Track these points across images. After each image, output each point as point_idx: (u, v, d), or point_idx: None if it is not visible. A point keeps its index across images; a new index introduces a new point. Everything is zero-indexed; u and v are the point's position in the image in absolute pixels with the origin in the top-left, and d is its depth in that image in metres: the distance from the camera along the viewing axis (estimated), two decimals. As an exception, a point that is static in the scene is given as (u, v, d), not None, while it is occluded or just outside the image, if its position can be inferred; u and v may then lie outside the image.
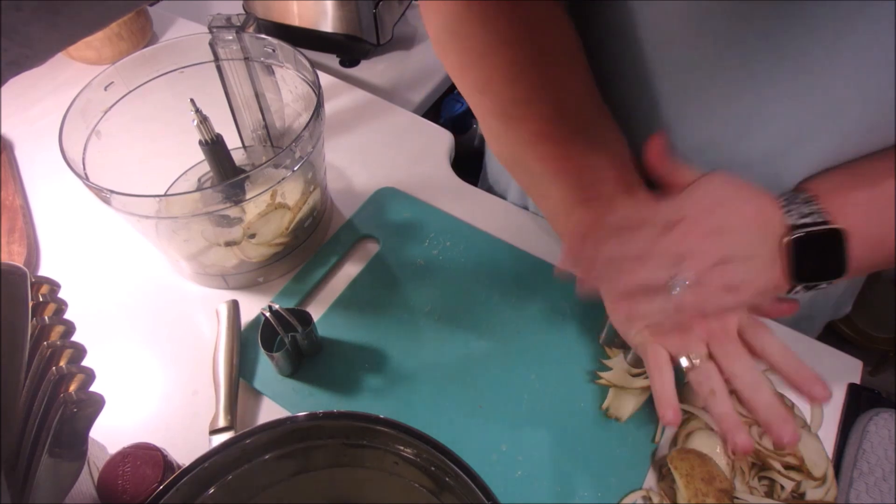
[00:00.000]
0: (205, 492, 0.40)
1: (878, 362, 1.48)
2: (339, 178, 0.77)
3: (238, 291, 0.67)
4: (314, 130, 0.58)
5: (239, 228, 0.61)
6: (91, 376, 0.39)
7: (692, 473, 0.51)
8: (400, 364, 0.60)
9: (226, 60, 0.68)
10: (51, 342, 0.39)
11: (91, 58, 0.91)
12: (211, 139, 0.62)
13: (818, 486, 0.52)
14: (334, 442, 0.42)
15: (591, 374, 0.59)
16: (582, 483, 0.53)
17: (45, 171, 0.80)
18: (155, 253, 0.70)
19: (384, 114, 0.85)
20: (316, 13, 1.00)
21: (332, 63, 1.06)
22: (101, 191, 0.52)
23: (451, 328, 0.62)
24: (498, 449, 0.55)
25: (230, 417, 0.56)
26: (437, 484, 0.41)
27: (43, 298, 0.43)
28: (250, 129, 0.76)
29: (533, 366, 0.59)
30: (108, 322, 0.65)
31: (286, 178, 0.57)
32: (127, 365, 0.62)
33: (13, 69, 0.26)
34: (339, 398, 0.58)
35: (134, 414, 0.59)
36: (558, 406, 0.57)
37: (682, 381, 0.47)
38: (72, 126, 0.58)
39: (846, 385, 0.58)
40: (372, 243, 0.71)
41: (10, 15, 0.24)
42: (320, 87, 0.60)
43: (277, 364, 0.58)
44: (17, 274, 0.39)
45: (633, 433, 0.55)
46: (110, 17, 0.29)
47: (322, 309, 0.64)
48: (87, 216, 0.74)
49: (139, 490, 0.45)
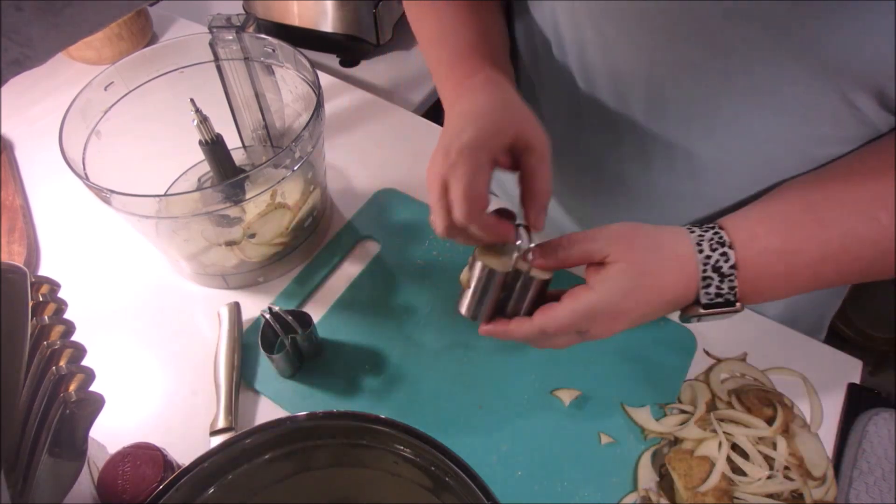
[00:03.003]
0: (205, 492, 0.40)
1: (878, 362, 1.48)
2: (339, 178, 0.77)
3: (238, 291, 0.67)
4: (314, 130, 0.58)
5: (239, 228, 0.61)
6: (91, 376, 0.39)
7: (690, 474, 0.51)
8: (400, 365, 0.60)
9: (226, 60, 0.68)
10: (51, 342, 0.39)
11: (91, 58, 0.91)
12: (211, 139, 0.62)
13: (818, 485, 0.52)
14: (334, 442, 0.42)
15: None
16: (582, 483, 0.53)
17: (45, 171, 0.80)
18: (155, 253, 0.70)
19: (384, 114, 0.85)
20: (316, 13, 1.00)
21: (332, 63, 1.06)
22: (101, 191, 0.52)
23: (452, 329, 0.62)
24: (498, 449, 0.55)
25: (231, 418, 0.56)
26: (437, 484, 0.41)
27: (43, 298, 0.43)
28: (250, 129, 0.76)
29: (533, 366, 0.59)
30: (108, 322, 0.65)
31: (286, 178, 0.57)
32: (127, 365, 0.62)
33: (14, 69, 0.26)
34: (339, 399, 0.58)
35: (134, 414, 0.59)
36: (559, 406, 0.57)
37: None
38: (72, 126, 0.58)
39: (846, 385, 0.58)
40: (372, 244, 0.71)
41: (11, 15, 0.24)
42: (320, 87, 0.60)
43: (278, 366, 0.58)
44: (18, 274, 0.39)
45: (631, 434, 0.55)
46: (110, 18, 0.29)
47: (322, 310, 0.64)
48: (87, 216, 0.74)
49: (139, 490, 0.45)
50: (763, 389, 0.57)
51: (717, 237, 0.43)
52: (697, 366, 0.60)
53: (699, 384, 0.58)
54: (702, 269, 0.43)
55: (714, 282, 0.43)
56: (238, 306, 0.63)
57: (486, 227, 0.43)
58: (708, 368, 0.59)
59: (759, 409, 0.55)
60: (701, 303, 0.44)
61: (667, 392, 0.57)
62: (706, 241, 0.43)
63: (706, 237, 0.44)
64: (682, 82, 0.48)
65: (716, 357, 0.60)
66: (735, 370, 0.59)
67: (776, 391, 0.57)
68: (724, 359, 0.60)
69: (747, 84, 0.45)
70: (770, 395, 0.56)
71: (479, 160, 0.42)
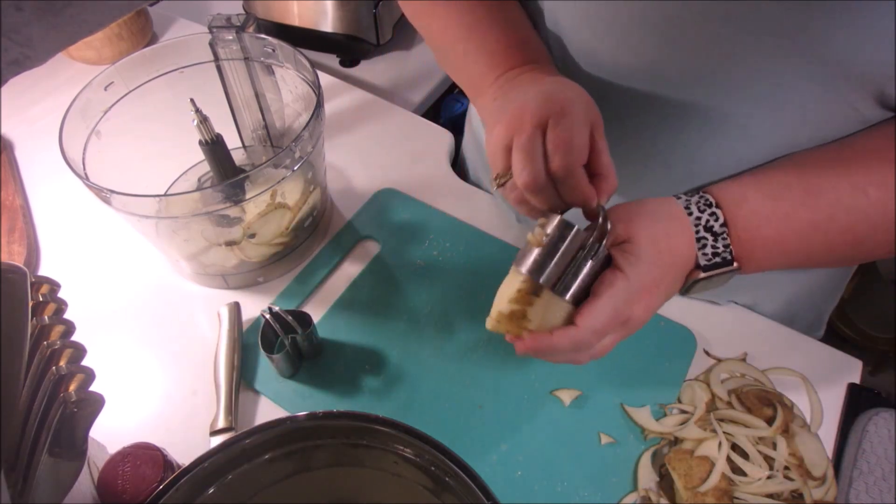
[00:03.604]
0: (205, 492, 0.40)
1: (878, 362, 1.48)
2: (339, 178, 0.77)
3: (238, 291, 0.67)
4: (314, 130, 0.58)
5: (239, 228, 0.61)
6: (91, 376, 0.39)
7: (690, 474, 0.51)
8: (400, 365, 0.60)
9: (226, 60, 0.68)
10: (51, 342, 0.39)
11: (91, 58, 0.91)
12: (211, 139, 0.62)
13: (818, 485, 0.52)
14: (334, 442, 0.42)
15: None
16: (581, 483, 0.53)
17: (45, 171, 0.80)
18: (155, 253, 0.70)
19: (384, 114, 0.85)
20: (316, 13, 1.00)
21: (332, 63, 1.06)
22: (101, 191, 0.52)
23: (452, 329, 0.62)
24: (498, 449, 0.55)
25: (231, 418, 0.56)
26: (437, 484, 0.41)
27: (43, 298, 0.43)
28: (250, 129, 0.76)
29: (533, 366, 0.59)
30: (108, 322, 0.65)
31: (286, 177, 0.57)
32: (127, 365, 0.62)
33: (14, 69, 0.26)
34: (339, 399, 0.58)
35: (134, 414, 0.59)
36: (559, 406, 0.57)
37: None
38: (72, 126, 0.58)
39: (846, 385, 0.58)
40: (372, 244, 0.71)
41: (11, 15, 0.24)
42: (320, 87, 0.60)
43: (278, 366, 0.58)
44: (18, 274, 0.39)
45: (631, 434, 0.55)
46: (110, 18, 0.29)
47: (322, 310, 0.64)
48: (87, 216, 0.74)
49: (139, 490, 0.45)
50: (763, 389, 0.57)
51: (703, 200, 0.45)
52: (697, 366, 0.60)
53: (699, 384, 0.58)
54: (694, 230, 0.44)
55: (709, 241, 0.44)
56: (238, 306, 0.63)
57: (580, 184, 0.41)
58: (708, 368, 0.59)
59: (759, 409, 0.55)
60: (700, 265, 0.44)
61: (667, 392, 0.57)
62: (693, 204, 0.45)
63: (692, 200, 0.45)
64: (681, 86, 0.48)
65: (716, 357, 0.60)
66: (735, 370, 0.59)
67: (776, 391, 0.57)
68: (723, 359, 0.60)
69: (746, 86, 0.45)
70: (770, 395, 0.56)
71: (575, 112, 0.41)
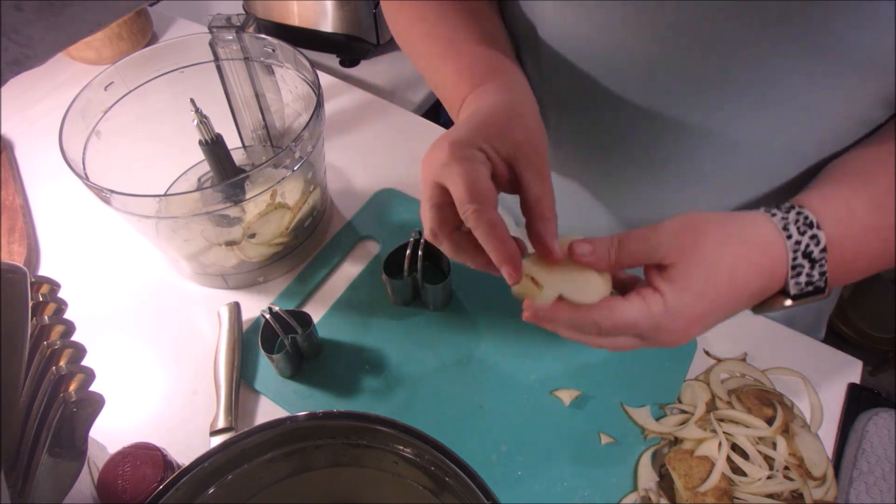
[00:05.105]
0: (205, 492, 0.40)
1: (878, 362, 1.48)
2: (339, 178, 0.77)
3: (238, 291, 0.67)
4: (314, 130, 0.58)
5: (239, 228, 0.61)
6: (91, 376, 0.39)
7: (690, 474, 0.51)
8: (400, 365, 0.60)
9: (226, 60, 0.68)
10: (51, 342, 0.39)
11: (91, 58, 0.91)
12: (211, 139, 0.62)
13: (818, 485, 0.52)
14: (334, 442, 0.42)
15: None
16: (582, 483, 0.53)
17: (45, 171, 0.80)
18: (155, 253, 0.70)
19: (384, 114, 0.85)
20: (316, 13, 1.00)
21: (332, 63, 1.06)
22: (101, 191, 0.52)
23: (451, 329, 0.62)
24: (498, 449, 0.55)
25: (231, 418, 0.56)
26: (437, 484, 0.41)
27: (43, 298, 0.43)
28: (250, 129, 0.76)
29: (533, 366, 0.59)
30: (108, 322, 0.65)
31: (286, 177, 0.57)
32: (127, 365, 0.62)
33: (14, 69, 0.26)
34: (339, 399, 0.58)
35: (134, 414, 0.59)
36: (559, 406, 0.57)
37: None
38: (72, 126, 0.58)
39: (846, 385, 0.58)
40: (372, 244, 0.71)
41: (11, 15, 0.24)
42: (320, 87, 0.60)
43: (278, 366, 0.58)
44: (18, 274, 0.39)
45: (631, 434, 0.55)
46: (110, 18, 0.29)
47: (322, 310, 0.64)
48: (87, 216, 0.74)
49: (139, 490, 0.45)
50: (763, 389, 0.57)
51: (802, 218, 0.38)
52: (697, 366, 0.60)
53: (699, 384, 0.58)
54: (791, 256, 0.38)
55: (804, 269, 0.38)
56: (238, 306, 0.63)
57: (492, 236, 0.38)
58: (708, 368, 0.59)
59: (758, 409, 0.55)
60: (790, 293, 0.39)
61: (667, 392, 0.57)
62: (792, 224, 0.38)
63: (790, 219, 0.38)
64: (680, 86, 0.47)
65: (716, 357, 0.60)
66: (735, 370, 0.59)
67: (776, 391, 0.57)
68: (723, 359, 0.60)
69: (746, 88, 0.45)
70: (770, 395, 0.56)
71: (473, 154, 0.39)
